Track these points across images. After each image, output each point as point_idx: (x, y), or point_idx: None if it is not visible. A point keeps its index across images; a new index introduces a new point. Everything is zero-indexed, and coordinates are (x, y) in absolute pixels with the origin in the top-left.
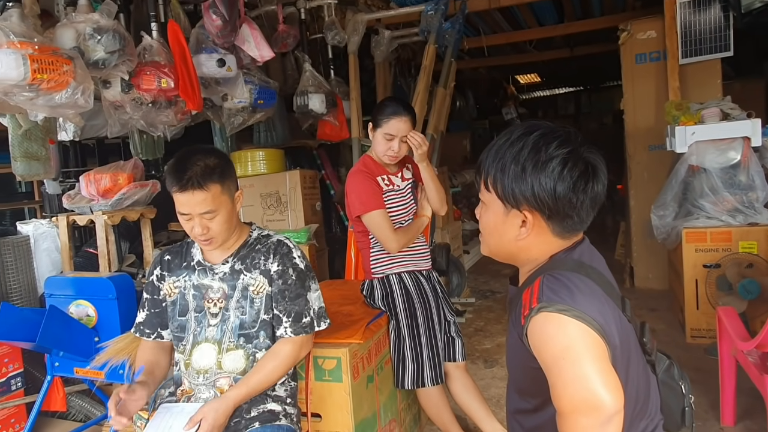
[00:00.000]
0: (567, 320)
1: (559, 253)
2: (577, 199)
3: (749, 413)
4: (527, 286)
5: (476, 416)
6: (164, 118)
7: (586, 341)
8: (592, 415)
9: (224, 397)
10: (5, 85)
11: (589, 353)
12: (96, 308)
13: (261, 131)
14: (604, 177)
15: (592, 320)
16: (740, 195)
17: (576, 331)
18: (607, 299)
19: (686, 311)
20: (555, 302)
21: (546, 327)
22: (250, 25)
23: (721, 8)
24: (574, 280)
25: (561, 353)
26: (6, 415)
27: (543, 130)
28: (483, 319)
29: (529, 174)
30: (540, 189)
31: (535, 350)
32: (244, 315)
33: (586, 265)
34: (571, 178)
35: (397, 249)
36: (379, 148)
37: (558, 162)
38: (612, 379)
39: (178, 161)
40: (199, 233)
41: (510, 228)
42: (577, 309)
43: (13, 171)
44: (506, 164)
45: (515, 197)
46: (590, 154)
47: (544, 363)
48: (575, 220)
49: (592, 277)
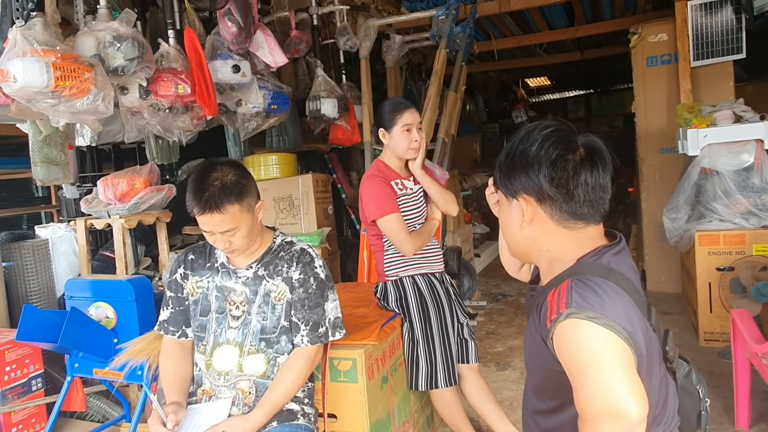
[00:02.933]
0: (596, 328)
1: (587, 257)
2: (561, 177)
3: (764, 416)
4: (553, 288)
5: (489, 418)
6: (181, 124)
7: (615, 350)
8: (617, 423)
9: (250, 417)
10: (29, 92)
11: (617, 362)
12: (115, 310)
13: (273, 136)
14: (604, 161)
15: (621, 329)
16: (753, 197)
17: (605, 339)
18: (635, 307)
19: (699, 314)
20: (584, 309)
21: (575, 333)
22: (263, 32)
23: (733, 10)
24: (603, 286)
25: (589, 360)
26: (27, 415)
27: (540, 123)
28: (494, 322)
29: (518, 160)
30: (525, 175)
31: (561, 355)
32: (266, 320)
33: (615, 272)
34: (552, 156)
35: (413, 252)
36: (401, 146)
37: (539, 142)
38: (638, 389)
39: (197, 180)
40: (222, 247)
41: (514, 219)
42: (606, 317)
43: (33, 176)
44: (504, 157)
45: (512, 186)
46: (587, 140)
47: (569, 368)
48: (570, 204)
49: (621, 284)
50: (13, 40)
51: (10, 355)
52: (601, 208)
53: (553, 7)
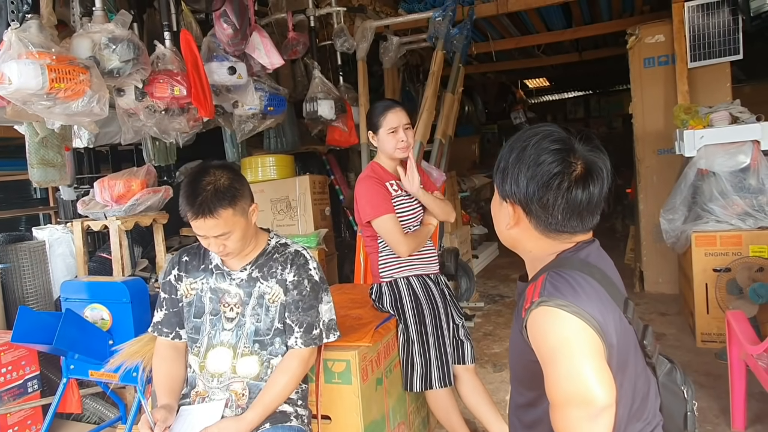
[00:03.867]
0: (565, 315)
1: (566, 252)
2: (547, 199)
3: (760, 418)
4: (532, 282)
5: (485, 419)
6: (177, 125)
7: (583, 337)
8: (583, 407)
9: (244, 419)
10: (24, 94)
11: (585, 348)
12: (110, 312)
13: (271, 137)
14: (597, 182)
15: (590, 317)
16: (750, 199)
17: (573, 326)
18: (609, 300)
19: (696, 315)
20: (555, 297)
21: (544, 320)
22: (260, 33)
23: (730, 11)
24: (576, 278)
25: (557, 347)
26: (23, 416)
27: (545, 130)
28: (492, 324)
29: (511, 168)
30: (515, 185)
31: (533, 343)
32: (260, 322)
33: (591, 265)
34: (544, 177)
35: (407, 253)
36: (388, 147)
37: (536, 160)
38: (605, 376)
39: (190, 184)
40: (216, 251)
41: (503, 217)
42: (576, 305)
43: (30, 177)
44: (502, 157)
45: (502, 189)
46: (589, 156)
47: (540, 356)
48: (551, 221)
49: (596, 277)
50: (8, 42)
51: (6, 357)
52: (590, 221)
53: (550, 8)
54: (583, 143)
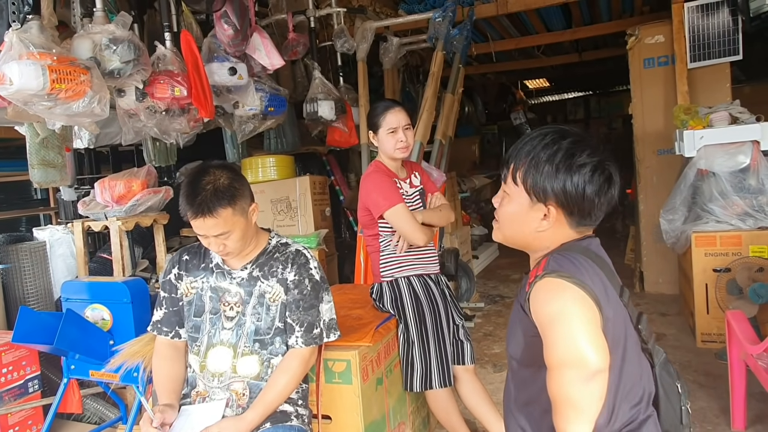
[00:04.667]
0: (566, 284)
1: (569, 242)
2: (598, 200)
3: (760, 418)
4: (535, 267)
5: (485, 419)
6: (177, 126)
7: (581, 305)
8: (577, 368)
9: (244, 419)
10: (25, 95)
11: (582, 315)
12: (111, 312)
13: (271, 138)
14: (618, 184)
15: (589, 289)
16: (750, 199)
17: (573, 294)
18: (607, 283)
19: (696, 316)
20: (558, 270)
21: (547, 289)
22: (260, 34)
23: (729, 12)
24: (578, 258)
25: (556, 313)
26: (24, 416)
27: (574, 138)
28: (492, 324)
29: (562, 174)
30: (572, 188)
31: (534, 313)
32: (260, 321)
33: (591, 251)
34: (599, 182)
35: (423, 242)
36: (388, 146)
37: (590, 168)
38: (600, 341)
39: (189, 184)
40: (216, 250)
41: (532, 220)
42: (576, 277)
43: (31, 178)
44: (540, 162)
45: (545, 192)
46: (611, 165)
47: (540, 323)
48: (592, 218)
49: (595, 260)
50: (9, 43)
51: (6, 357)
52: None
53: (550, 9)
54: (602, 150)
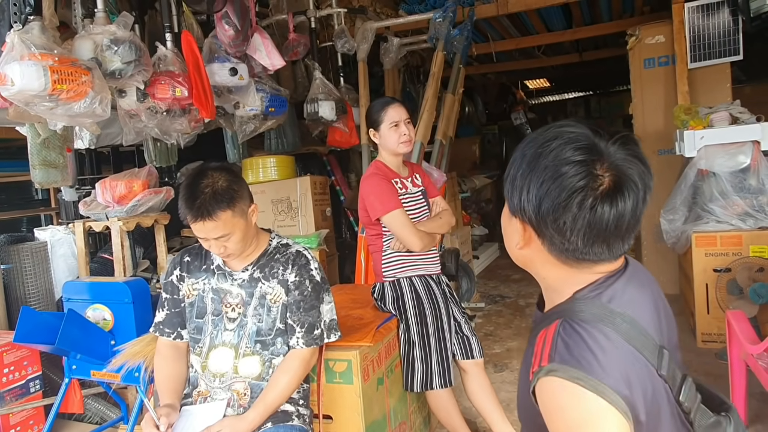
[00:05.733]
0: (583, 393)
1: (585, 290)
2: (564, 221)
3: (760, 417)
4: (544, 326)
5: (489, 418)
6: (178, 126)
7: (605, 419)
8: None
9: (245, 418)
10: (26, 96)
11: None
12: (112, 312)
13: (272, 138)
14: (630, 197)
15: (613, 393)
16: (750, 199)
17: (594, 408)
18: (638, 359)
19: (697, 315)
20: (569, 366)
21: (558, 396)
22: (261, 35)
23: (730, 12)
24: (595, 335)
25: (576, 427)
26: (25, 416)
27: (568, 134)
28: (493, 324)
29: (521, 179)
30: (525, 200)
31: (545, 416)
32: (261, 323)
33: (615, 313)
34: (562, 193)
35: (420, 247)
36: (390, 141)
37: (554, 172)
38: None
39: (188, 187)
40: (217, 252)
41: (512, 233)
42: (596, 379)
43: (32, 178)
44: (512, 164)
45: (511, 202)
46: (622, 165)
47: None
48: (567, 246)
49: (621, 329)
50: (11, 44)
51: (8, 357)
52: (619, 247)
53: (550, 9)
54: (619, 147)
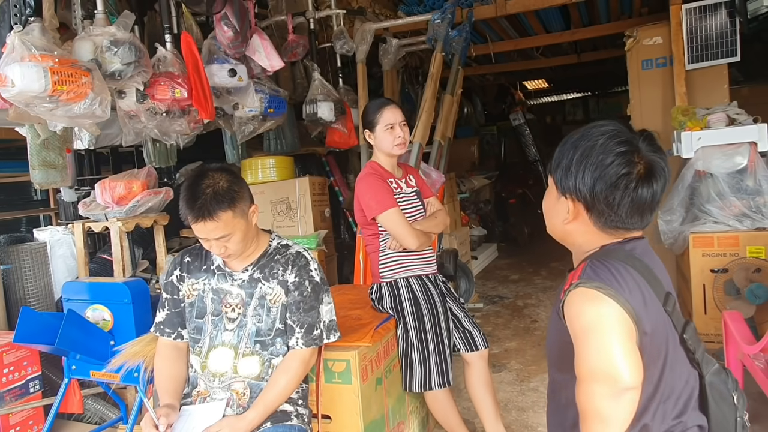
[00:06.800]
0: (600, 296)
1: (611, 244)
2: (614, 198)
3: (757, 418)
4: (573, 271)
5: (485, 414)
6: (177, 127)
7: (616, 318)
8: (608, 384)
9: (245, 418)
10: (27, 97)
11: (616, 329)
12: (112, 312)
13: (271, 139)
14: (656, 185)
15: (625, 301)
16: (747, 200)
17: (607, 308)
18: (649, 291)
19: (694, 316)
20: (594, 280)
21: (581, 300)
22: (260, 36)
23: (727, 14)
24: (618, 266)
25: (590, 325)
26: (24, 416)
27: (614, 129)
28: (491, 325)
29: (575, 166)
30: (581, 183)
31: (569, 322)
32: (261, 323)
33: (634, 257)
34: (612, 177)
35: (416, 246)
36: (385, 143)
37: (606, 160)
38: (633, 358)
39: (189, 188)
40: (217, 253)
41: (559, 213)
42: (612, 289)
43: (31, 179)
44: (567, 153)
45: (563, 185)
46: (650, 159)
47: (574, 333)
48: (614, 218)
49: (638, 268)
50: (11, 45)
51: (8, 357)
52: (649, 218)
53: (549, 10)
54: (645, 143)
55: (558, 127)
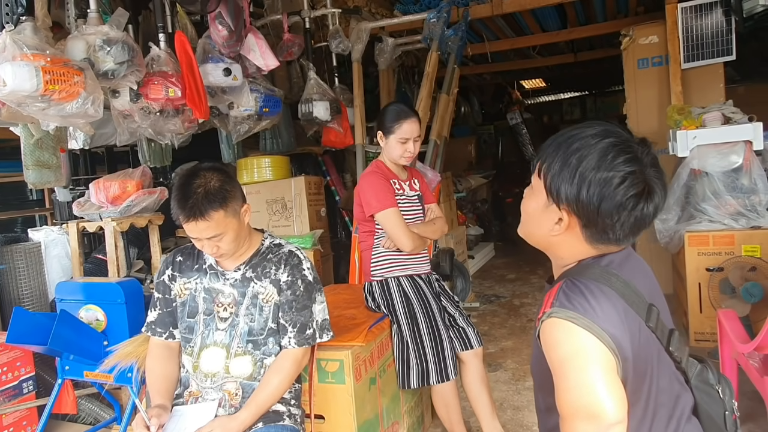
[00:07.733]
0: (574, 328)
1: (587, 259)
2: (618, 217)
3: (751, 416)
4: (550, 289)
5: (481, 413)
6: (172, 127)
7: (593, 350)
8: (592, 422)
9: (237, 418)
10: (19, 96)
11: (595, 362)
12: (105, 313)
13: (267, 138)
14: (657, 200)
15: (601, 331)
16: (743, 198)
17: (583, 340)
18: (628, 311)
19: (690, 315)
20: (566, 309)
21: (555, 332)
22: (255, 35)
23: (722, 12)
24: (592, 287)
25: (566, 359)
26: (18, 417)
27: (615, 139)
28: (487, 324)
29: (580, 178)
30: (586, 197)
31: (546, 353)
32: (253, 322)
33: (611, 273)
34: (621, 197)
35: (410, 248)
36: (394, 153)
37: (618, 179)
38: (617, 391)
39: (180, 188)
40: (210, 252)
41: (546, 221)
42: (587, 318)
43: (25, 179)
44: (565, 160)
45: (559, 195)
46: (653, 176)
47: (551, 365)
48: (610, 236)
49: (615, 286)
50: (3, 45)
51: (1, 358)
52: (639, 234)
53: (545, 9)
54: (649, 158)
55: (555, 127)
